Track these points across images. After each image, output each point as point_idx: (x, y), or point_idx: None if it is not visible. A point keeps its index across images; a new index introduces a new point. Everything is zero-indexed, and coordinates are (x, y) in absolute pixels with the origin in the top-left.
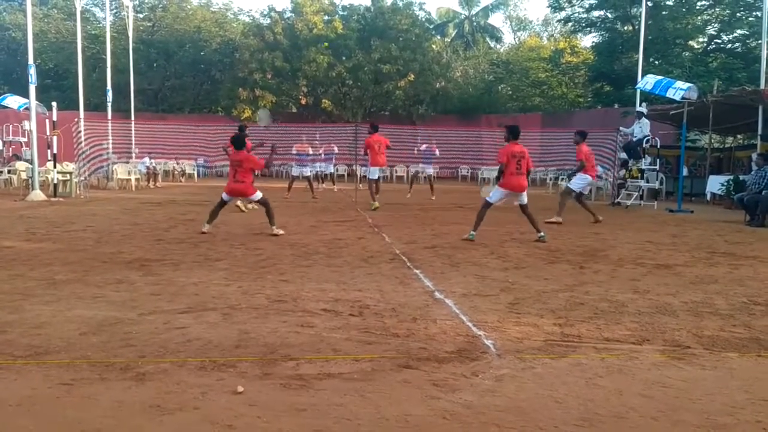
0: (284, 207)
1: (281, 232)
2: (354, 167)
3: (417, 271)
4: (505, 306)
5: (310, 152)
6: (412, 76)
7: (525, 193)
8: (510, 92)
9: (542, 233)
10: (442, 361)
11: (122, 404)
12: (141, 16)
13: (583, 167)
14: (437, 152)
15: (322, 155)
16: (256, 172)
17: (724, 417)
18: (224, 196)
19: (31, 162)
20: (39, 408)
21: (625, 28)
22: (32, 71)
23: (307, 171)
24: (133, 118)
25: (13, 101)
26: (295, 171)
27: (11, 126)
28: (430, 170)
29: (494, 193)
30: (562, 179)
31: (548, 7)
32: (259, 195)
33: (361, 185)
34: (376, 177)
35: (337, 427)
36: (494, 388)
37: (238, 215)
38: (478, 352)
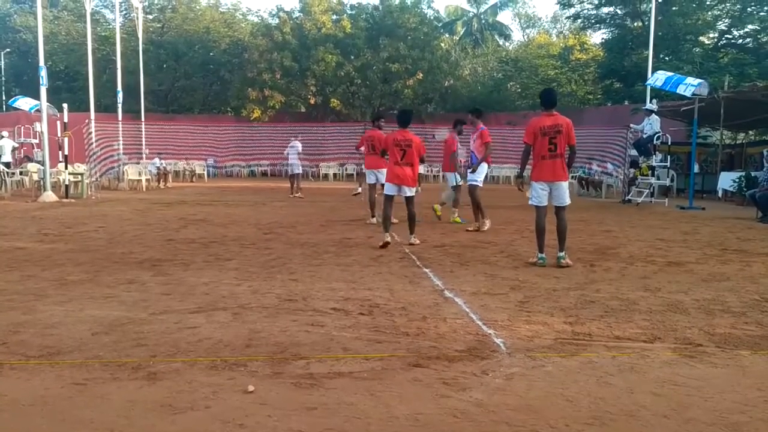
0: (292, 206)
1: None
2: (361, 167)
3: (427, 270)
4: (515, 304)
5: (300, 149)
6: (421, 74)
7: (565, 187)
8: (519, 90)
9: (563, 254)
10: (453, 359)
11: (134, 403)
12: (150, 17)
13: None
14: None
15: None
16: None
17: (736, 415)
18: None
19: (42, 163)
20: (52, 407)
21: (635, 24)
22: (43, 73)
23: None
24: (143, 119)
25: (25, 103)
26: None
27: (23, 128)
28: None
29: (533, 193)
30: (572, 177)
31: (557, 3)
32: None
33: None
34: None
35: (348, 426)
36: (504, 386)
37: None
38: (488, 350)
